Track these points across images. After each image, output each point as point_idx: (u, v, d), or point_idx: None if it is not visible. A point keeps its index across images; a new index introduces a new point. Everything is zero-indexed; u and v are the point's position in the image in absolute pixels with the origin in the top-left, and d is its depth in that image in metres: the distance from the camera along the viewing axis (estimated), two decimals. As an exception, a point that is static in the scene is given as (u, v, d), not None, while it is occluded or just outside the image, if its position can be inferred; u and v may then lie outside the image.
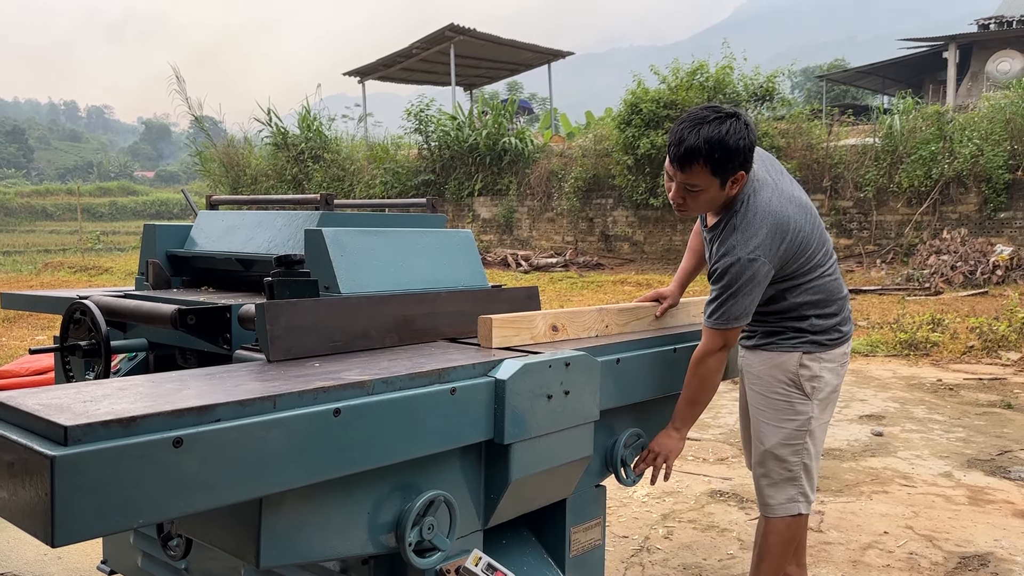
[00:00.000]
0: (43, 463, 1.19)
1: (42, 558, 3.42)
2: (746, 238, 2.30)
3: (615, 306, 2.54)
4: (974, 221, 14.08)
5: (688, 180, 2.27)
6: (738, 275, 2.30)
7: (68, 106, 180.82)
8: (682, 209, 2.38)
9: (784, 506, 2.59)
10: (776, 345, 2.56)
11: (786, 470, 2.57)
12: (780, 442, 2.56)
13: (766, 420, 2.58)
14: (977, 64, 23.53)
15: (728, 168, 2.24)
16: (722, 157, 2.21)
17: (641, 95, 16.38)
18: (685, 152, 2.22)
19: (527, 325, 2.22)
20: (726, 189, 2.29)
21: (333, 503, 1.66)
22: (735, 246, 2.31)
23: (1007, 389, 6.75)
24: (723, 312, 2.35)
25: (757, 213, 2.31)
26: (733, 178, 2.27)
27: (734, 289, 2.31)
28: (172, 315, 2.09)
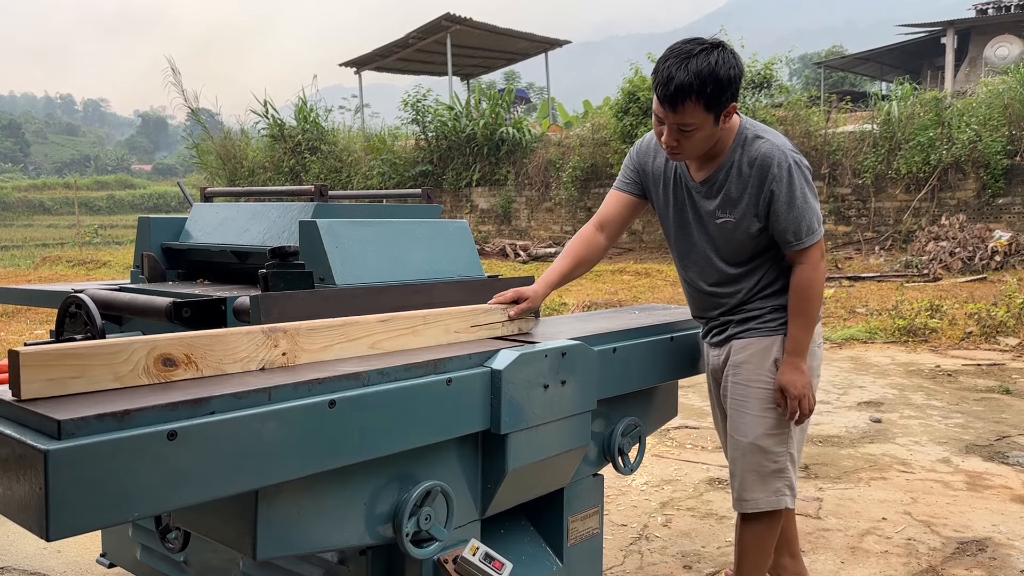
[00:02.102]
0: (37, 457, 1.19)
1: (41, 552, 3.43)
2: (780, 145, 2.26)
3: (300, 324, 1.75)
4: (972, 207, 14.07)
5: (681, 120, 2.15)
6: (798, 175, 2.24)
7: (64, 100, 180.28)
8: (675, 153, 2.27)
9: (769, 500, 2.43)
10: (754, 331, 2.42)
11: (772, 462, 2.43)
12: (764, 432, 2.41)
13: (748, 411, 2.43)
14: (975, 49, 23.47)
15: (722, 101, 2.14)
16: (715, 90, 2.10)
17: (639, 83, 16.33)
18: (676, 90, 2.09)
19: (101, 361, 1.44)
20: (720, 124, 2.20)
21: (329, 494, 1.66)
22: (776, 150, 2.24)
23: (1005, 374, 6.76)
24: (813, 217, 2.27)
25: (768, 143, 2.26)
26: (726, 111, 2.18)
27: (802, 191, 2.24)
28: (167, 308, 2.09)
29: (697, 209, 2.41)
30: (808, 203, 2.26)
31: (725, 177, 2.31)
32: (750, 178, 2.27)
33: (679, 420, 5.23)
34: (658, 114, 2.20)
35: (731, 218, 2.33)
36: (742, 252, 2.38)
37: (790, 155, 2.24)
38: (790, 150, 2.26)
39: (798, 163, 2.25)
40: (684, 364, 2.59)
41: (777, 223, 2.28)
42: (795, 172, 2.24)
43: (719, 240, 2.39)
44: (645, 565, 3.28)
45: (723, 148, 2.30)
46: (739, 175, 2.28)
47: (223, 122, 25.86)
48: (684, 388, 5.70)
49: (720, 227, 2.37)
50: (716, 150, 2.30)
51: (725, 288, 2.43)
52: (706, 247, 2.43)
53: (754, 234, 2.33)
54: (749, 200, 2.29)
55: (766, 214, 2.29)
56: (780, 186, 2.23)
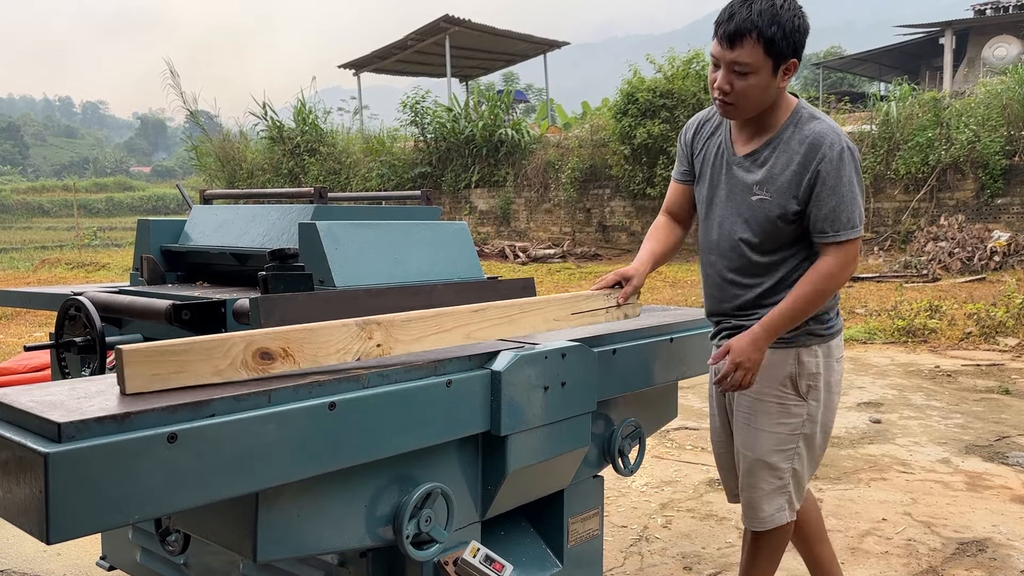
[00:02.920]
0: (37, 460, 1.19)
1: (41, 554, 3.43)
2: (835, 127, 2.15)
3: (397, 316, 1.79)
4: (971, 207, 14.08)
5: (737, 57, 2.07)
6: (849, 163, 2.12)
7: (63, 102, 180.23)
8: (726, 102, 2.15)
9: (772, 517, 2.38)
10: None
11: (777, 478, 2.35)
12: (772, 448, 2.32)
13: (757, 426, 2.34)
14: (974, 50, 23.49)
15: (782, 48, 2.05)
16: (776, 33, 2.03)
17: (637, 84, 16.34)
18: (736, 25, 2.05)
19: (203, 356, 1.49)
20: (777, 79, 2.10)
21: (330, 496, 1.66)
22: (830, 133, 2.13)
23: (1005, 375, 6.76)
24: (851, 215, 2.14)
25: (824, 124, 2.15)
26: (785, 67, 2.09)
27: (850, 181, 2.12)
28: (167, 310, 2.09)
29: (733, 186, 2.29)
30: (855, 194, 2.14)
31: (771, 152, 2.20)
32: (797, 155, 2.15)
33: (679, 421, 5.23)
34: (715, 55, 2.14)
35: (767, 196, 2.20)
36: (772, 239, 2.24)
37: (844, 139, 2.14)
38: (844, 135, 2.16)
39: (851, 150, 2.14)
40: (684, 365, 2.59)
41: (817, 208, 2.15)
42: (847, 157, 2.13)
43: (751, 221, 2.25)
44: (645, 566, 3.28)
45: (775, 123, 2.20)
46: (786, 151, 2.17)
47: (222, 124, 25.86)
48: (684, 389, 5.70)
49: (754, 205, 2.23)
50: (767, 123, 2.21)
51: (746, 278, 2.31)
52: (734, 228, 2.29)
53: (789, 218, 2.19)
54: (792, 179, 2.16)
55: (807, 197, 2.15)
56: (829, 167, 2.11)
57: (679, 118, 15.84)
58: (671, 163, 15.98)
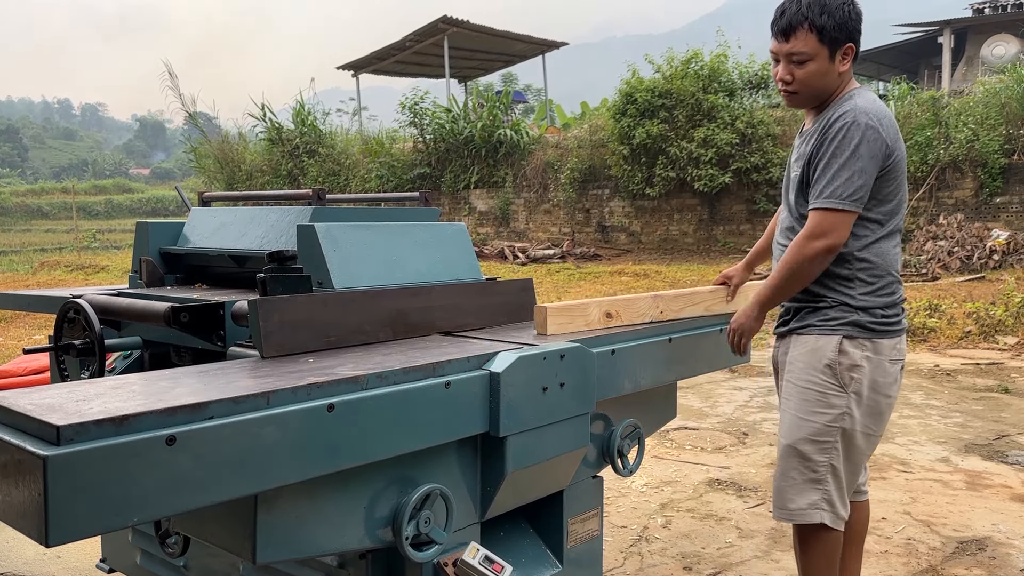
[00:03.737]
0: (36, 463, 1.19)
1: (41, 557, 3.43)
2: (864, 106, 2.17)
3: (670, 292, 2.56)
4: (970, 206, 14.08)
5: (793, 49, 2.19)
6: (856, 138, 2.13)
7: (62, 104, 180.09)
8: (790, 91, 2.26)
9: (805, 512, 2.30)
10: (814, 328, 2.31)
11: (810, 470, 2.28)
12: (806, 437, 2.29)
13: (793, 411, 2.32)
14: (972, 49, 23.49)
15: (835, 34, 2.15)
16: (827, 22, 2.14)
17: (636, 85, 16.35)
18: (788, 19, 2.18)
19: (581, 313, 2.27)
20: (836, 63, 2.20)
21: (329, 498, 1.66)
22: (850, 110, 2.17)
23: (1004, 374, 6.77)
24: (835, 186, 2.14)
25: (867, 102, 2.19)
26: (843, 50, 2.19)
27: (848, 154, 2.13)
28: (165, 313, 2.08)
29: (789, 168, 2.39)
30: (850, 168, 2.13)
31: (814, 131, 2.27)
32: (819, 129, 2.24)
33: (678, 421, 5.23)
34: (773, 51, 2.25)
35: (797, 172, 2.31)
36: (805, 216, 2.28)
37: (862, 116, 2.15)
38: (869, 113, 2.16)
39: (867, 126, 2.14)
40: (683, 365, 2.59)
41: (814, 173, 2.21)
42: (854, 131, 2.14)
43: (792, 199, 2.35)
44: (645, 567, 3.28)
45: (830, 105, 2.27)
46: (818, 128, 2.24)
47: (221, 126, 25.86)
48: (683, 389, 5.70)
49: (792, 182, 2.35)
50: (824, 107, 2.28)
51: None
52: (786, 207, 2.42)
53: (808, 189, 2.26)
54: (811, 151, 2.24)
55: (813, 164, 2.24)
56: (832, 135, 2.17)
57: (678, 118, 15.86)
58: (670, 163, 16.01)
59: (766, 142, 15.54)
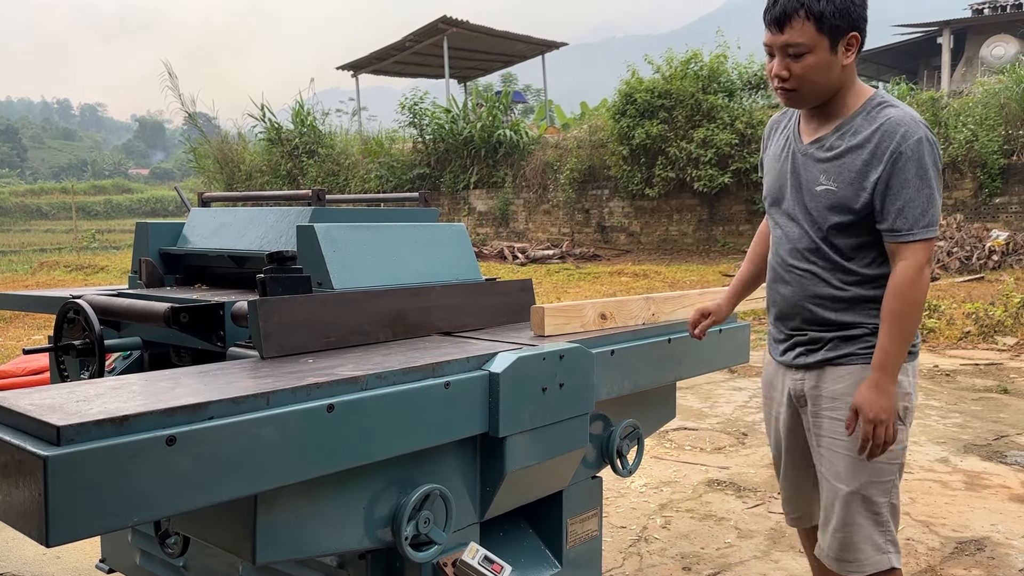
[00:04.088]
0: (36, 463, 1.20)
1: (40, 557, 3.43)
2: (913, 115, 1.94)
3: (662, 295, 2.56)
4: (970, 207, 14.10)
5: (789, 40, 1.93)
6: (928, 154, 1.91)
7: (61, 104, 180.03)
8: (787, 89, 2.00)
9: (874, 559, 2.10)
10: (856, 356, 2.06)
11: (874, 514, 2.09)
12: (871, 480, 2.06)
13: (852, 453, 2.06)
14: (971, 49, 23.50)
15: (836, 21, 1.90)
16: (827, 7, 1.89)
17: (635, 85, 16.36)
18: (781, 7, 1.93)
19: (577, 314, 2.29)
20: (839, 55, 1.95)
21: (328, 499, 1.66)
22: (910, 123, 1.93)
23: (1003, 374, 6.77)
24: (931, 214, 1.92)
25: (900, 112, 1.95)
26: (846, 41, 1.94)
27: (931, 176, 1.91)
28: (165, 313, 2.09)
29: (798, 177, 2.09)
30: (932, 189, 1.93)
31: (839, 139, 2.01)
32: (868, 143, 1.96)
33: (677, 422, 5.23)
34: (767, 44, 2.00)
35: (833, 187, 2.00)
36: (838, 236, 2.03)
37: (924, 128, 1.94)
38: (921, 123, 1.95)
39: (931, 142, 1.94)
40: (682, 366, 2.59)
41: (890, 201, 1.94)
42: (926, 148, 1.92)
43: (816, 216, 2.05)
44: (644, 567, 3.28)
45: (845, 109, 2.02)
46: (855, 137, 1.98)
47: (220, 126, 25.87)
48: (682, 390, 5.70)
49: (819, 197, 2.03)
50: (836, 109, 2.03)
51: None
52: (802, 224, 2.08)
53: (856, 211, 1.98)
54: (861, 168, 1.96)
55: (880, 189, 1.94)
56: (905, 157, 1.91)
57: (677, 118, 15.87)
58: (669, 163, 16.02)
59: (765, 142, 15.53)
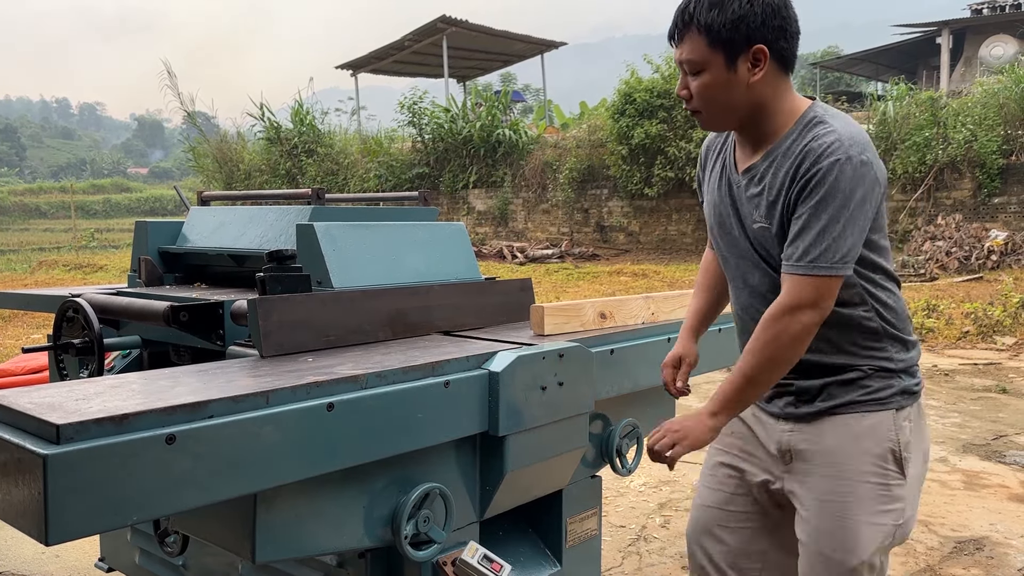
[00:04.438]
0: (35, 462, 1.19)
1: (40, 556, 3.42)
2: (847, 133, 1.64)
3: (661, 294, 2.56)
4: (968, 207, 14.10)
5: (683, 56, 1.71)
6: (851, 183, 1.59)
7: (60, 103, 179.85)
8: (693, 110, 1.77)
9: None
10: (858, 404, 1.78)
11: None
12: (877, 546, 1.78)
13: (857, 517, 1.77)
14: (970, 49, 23.52)
15: (728, 35, 1.64)
16: (717, 19, 1.64)
17: (635, 85, 16.36)
18: (675, 19, 1.72)
19: (576, 313, 2.29)
20: (739, 72, 1.67)
21: (328, 498, 1.66)
22: (835, 142, 1.62)
23: (1002, 374, 6.78)
24: (826, 246, 1.61)
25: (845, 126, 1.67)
26: (749, 56, 1.66)
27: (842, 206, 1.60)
28: (165, 312, 2.08)
29: (736, 209, 1.84)
30: (839, 221, 1.61)
31: (768, 167, 1.74)
32: (792, 167, 1.69)
33: (677, 421, 5.23)
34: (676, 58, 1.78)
35: (766, 223, 1.75)
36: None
37: (855, 151, 1.61)
38: (856, 143, 1.63)
39: (859, 163, 1.61)
40: (681, 365, 2.59)
41: (792, 225, 1.68)
42: (847, 171, 1.60)
43: (766, 255, 1.80)
44: (644, 566, 3.28)
45: (775, 133, 1.74)
46: (784, 164, 1.71)
47: (219, 125, 25.87)
48: (682, 389, 5.71)
49: (760, 235, 1.79)
50: (767, 130, 1.75)
51: None
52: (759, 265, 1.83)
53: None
54: (781, 197, 1.71)
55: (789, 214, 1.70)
56: (816, 179, 1.62)
57: (676, 118, 15.86)
58: (668, 163, 16.02)
59: (765, 142, 15.55)
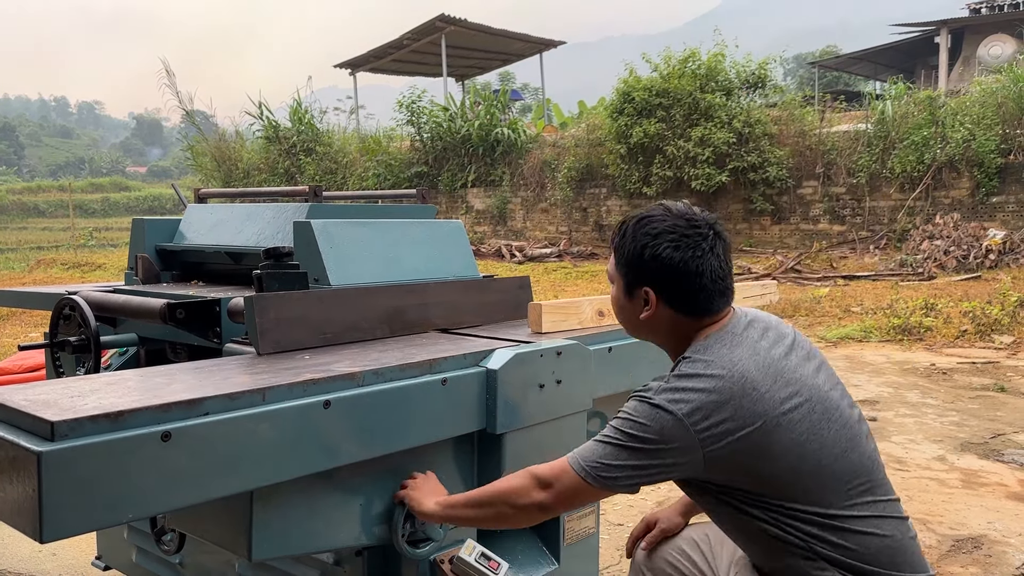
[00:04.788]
0: (30, 459, 1.19)
1: (36, 555, 3.42)
2: (672, 382, 1.60)
3: None
4: (967, 206, 14.11)
5: (608, 266, 1.82)
6: (635, 420, 1.57)
7: (59, 102, 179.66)
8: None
9: None
10: None
11: None
12: None
13: None
14: (969, 49, 23.53)
15: (626, 268, 1.72)
16: (620, 249, 1.73)
17: (633, 84, 16.35)
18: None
19: (574, 311, 2.29)
20: (633, 302, 1.74)
21: (325, 495, 1.66)
22: (652, 386, 1.62)
23: (1000, 372, 6.78)
24: (589, 451, 1.60)
25: (708, 361, 1.61)
26: (640, 293, 1.71)
27: (620, 434, 1.58)
28: (161, 309, 2.08)
29: None
30: (611, 442, 1.59)
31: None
32: None
33: (675, 420, 5.23)
34: None
35: None
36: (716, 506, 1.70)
37: (663, 396, 1.58)
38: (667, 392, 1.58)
39: (652, 406, 1.57)
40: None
41: None
42: (634, 409, 1.59)
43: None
44: (642, 565, 3.28)
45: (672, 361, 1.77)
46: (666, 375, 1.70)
47: (218, 124, 25.82)
48: (680, 388, 5.70)
49: None
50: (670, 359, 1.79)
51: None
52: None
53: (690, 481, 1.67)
54: None
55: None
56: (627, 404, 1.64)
57: (675, 117, 15.87)
58: (667, 162, 16.02)
59: (763, 141, 15.55)
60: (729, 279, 1.73)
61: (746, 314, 1.75)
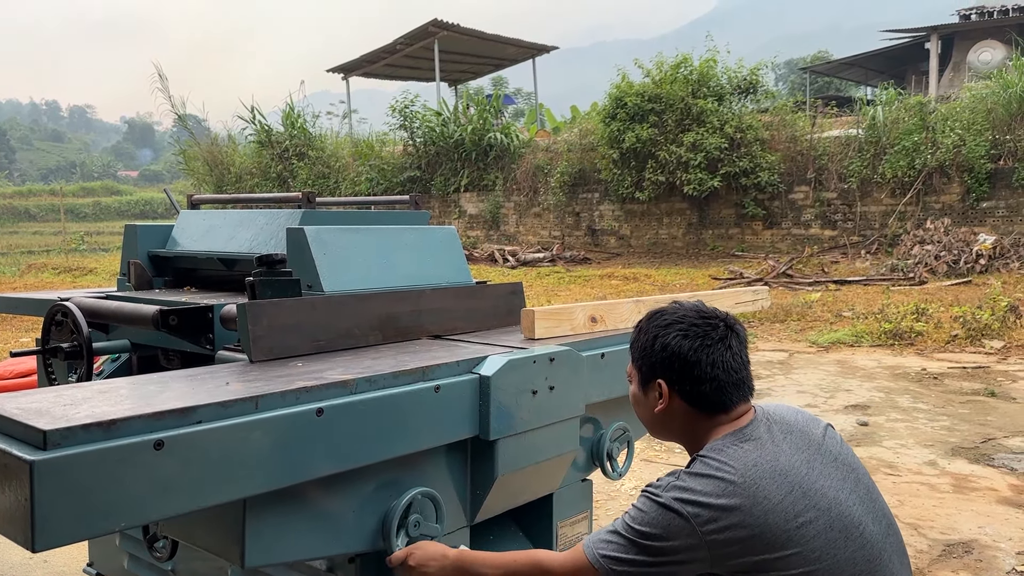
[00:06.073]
0: (22, 467, 1.19)
1: (27, 562, 3.40)
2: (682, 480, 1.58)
3: (651, 298, 2.55)
4: (957, 211, 14.19)
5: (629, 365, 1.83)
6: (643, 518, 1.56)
7: (50, 106, 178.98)
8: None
9: None
10: None
11: None
12: None
13: None
14: (959, 54, 23.67)
15: (639, 363, 1.74)
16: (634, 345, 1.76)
17: (626, 89, 16.40)
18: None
19: (567, 317, 2.28)
20: (648, 396, 1.73)
21: (318, 502, 1.65)
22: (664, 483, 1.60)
23: (991, 377, 6.81)
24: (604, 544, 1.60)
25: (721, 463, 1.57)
26: (654, 386, 1.70)
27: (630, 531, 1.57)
28: (154, 316, 2.07)
29: None
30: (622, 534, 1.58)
31: None
32: None
33: (668, 425, 5.24)
34: None
35: None
36: None
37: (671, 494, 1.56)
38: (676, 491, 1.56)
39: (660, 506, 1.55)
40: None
41: None
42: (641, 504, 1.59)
43: None
44: (634, 570, 3.28)
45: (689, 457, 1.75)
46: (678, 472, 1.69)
47: (210, 128, 25.78)
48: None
49: None
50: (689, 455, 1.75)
51: None
52: None
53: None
54: None
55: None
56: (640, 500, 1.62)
57: (667, 122, 15.92)
58: (659, 167, 16.07)
59: (755, 146, 15.61)
60: (745, 372, 1.68)
61: (768, 415, 1.70)
